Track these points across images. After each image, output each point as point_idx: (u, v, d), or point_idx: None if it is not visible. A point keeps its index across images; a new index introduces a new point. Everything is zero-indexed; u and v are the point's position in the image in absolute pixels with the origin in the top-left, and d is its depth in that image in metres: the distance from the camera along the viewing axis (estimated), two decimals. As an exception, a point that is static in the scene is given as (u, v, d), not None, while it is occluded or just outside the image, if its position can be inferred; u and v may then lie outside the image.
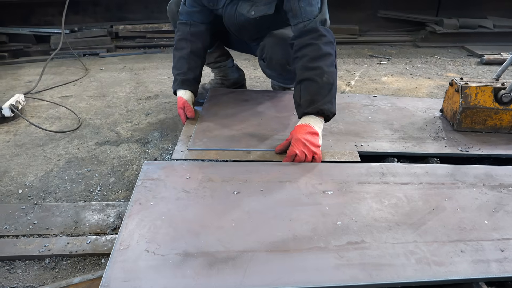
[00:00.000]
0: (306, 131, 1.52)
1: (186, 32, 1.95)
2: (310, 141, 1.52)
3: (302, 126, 1.54)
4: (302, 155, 1.52)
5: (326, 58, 1.58)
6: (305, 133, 1.52)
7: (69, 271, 1.28)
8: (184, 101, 1.90)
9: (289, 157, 1.53)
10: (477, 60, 3.59)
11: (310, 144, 1.52)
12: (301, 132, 1.52)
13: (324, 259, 1.10)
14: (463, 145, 1.77)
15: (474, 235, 1.22)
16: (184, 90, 1.93)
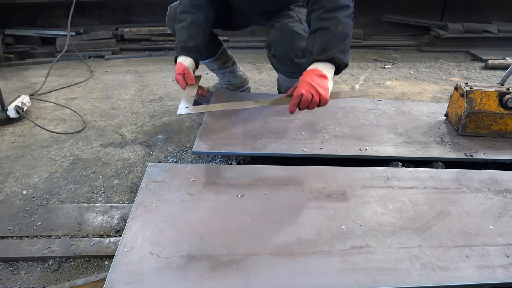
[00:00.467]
0: (314, 73, 1.47)
1: (187, 4, 1.88)
2: (318, 83, 1.45)
3: (311, 70, 1.48)
4: (308, 94, 1.45)
5: (343, 10, 1.52)
6: (313, 75, 1.47)
7: (72, 272, 1.27)
8: (184, 67, 1.78)
9: (295, 98, 1.48)
10: (482, 65, 3.58)
11: (317, 85, 1.45)
12: (309, 75, 1.47)
13: (329, 263, 1.09)
14: (468, 149, 1.76)
15: (479, 240, 1.21)
16: (184, 56, 1.81)
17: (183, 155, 1.96)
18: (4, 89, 2.43)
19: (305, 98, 1.46)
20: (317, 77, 1.46)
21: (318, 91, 1.45)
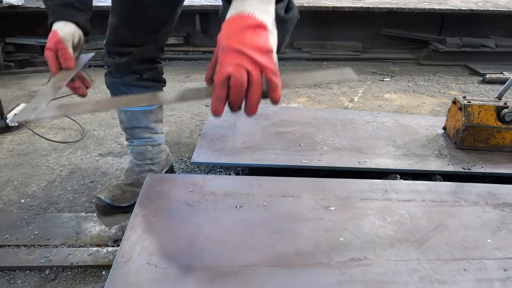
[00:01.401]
0: (240, 26, 0.75)
1: None
2: (251, 44, 0.73)
3: (232, 20, 0.77)
4: (239, 72, 0.72)
5: None
6: (239, 31, 0.75)
7: (69, 282, 1.27)
8: (58, 39, 1.09)
9: (218, 86, 0.73)
10: (480, 79, 3.61)
11: (251, 50, 0.73)
12: (232, 31, 0.75)
13: (327, 275, 1.09)
14: (466, 163, 1.77)
15: (477, 253, 1.21)
16: (63, 22, 1.13)
17: (182, 165, 1.96)
18: (3, 97, 2.44)
19: (235, 81, 0.72)
20: (247, 31, 0.75)
21: (255, 60, 0.73)
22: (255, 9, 0.76)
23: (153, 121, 1.59)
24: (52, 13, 1.13)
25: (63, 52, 1.09)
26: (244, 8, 0.76)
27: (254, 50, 0.73)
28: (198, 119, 2.53)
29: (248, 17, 0.75)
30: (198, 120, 2.51)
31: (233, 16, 0.77)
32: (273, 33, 0.79)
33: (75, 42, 1.14)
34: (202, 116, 2.57)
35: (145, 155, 1.62)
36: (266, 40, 0.76)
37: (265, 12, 0.78)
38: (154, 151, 1.63)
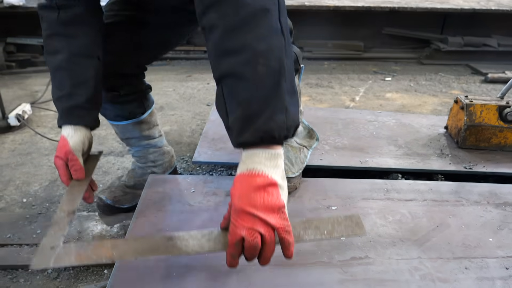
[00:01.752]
0: (251, 186, 0.78)
1: (54, 21, 1.16)
2: (262, 205, 0.77)
3: (244, 178, 0.80)
4: (253, 237, 0.77)
5: (258, 23, 0.80)
6: (250, 192, 0.78)
7: (71, 281, 1.27)
8: (68, 149, 1.11)
9: (232, 247, 0.81)
10: (482, 78, 3.61)
11: (263, 212, 0.77)
12: (244, 192, 0.78)
13: (328, 273, 1.09)
14: (468, 162, 1.77)
15: (478, 252, 1.21)
16: (70, 127, 1.14)
17: (183, 164, 1.97)
18: (5, 97, 2.44)
19: (249, 244, 0.78)
20: (259, 193, 0.77)
21: (268, 224, 0.77)
22: (264, 166, 0.79)
23: (146, 129, 1.56)
24: (61, 117, 1.15)
25: (73, 163, 1.12)
26: (254, 166, 0.79)
27: (266, 211, 0.77)
28: (199, 118, 2.53)
29: (258, 176, 0.78)
30: (199, 119, 2.52)
31: (243, 173, 0.80)
32: (283, 186, 0.81)
33: (84, 149, 1.17)
34: (203, 116, 2.58)
35: (147, 158, 1.62)
36: (277, 197, 0.79)
37: (275, 167, 0.80)
38: (156, 153, 1.63)
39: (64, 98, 1.14)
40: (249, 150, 0.81)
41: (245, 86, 0.79)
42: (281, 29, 0.82)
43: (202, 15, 0.84)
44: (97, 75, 1.19)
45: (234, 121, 0.81)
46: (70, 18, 1.15)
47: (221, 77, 0.83)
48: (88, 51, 1.17)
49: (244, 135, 0.80)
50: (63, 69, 1.14)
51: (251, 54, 0.79)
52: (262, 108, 0.79)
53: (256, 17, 0.79)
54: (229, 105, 0.82)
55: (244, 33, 0.79)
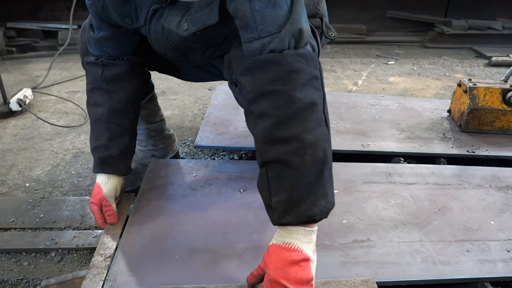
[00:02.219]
0: (287, 261, 0.86)
1: (98, 77, 1.24)
2: (295, 279, 0.85)
3: (280, 251, 0.87)
4: None
5: (307, 115, 0.88)
6: (285, 266, 0.86)
7: (75, 264, 1.28)
8: (102, 196, 1.22)
9: None
10: (485, 62, 3.57)
11: (294, 285, 0.85)
12: (279, 265, 0.86)
13: (330, 256, 1.10)
14: (470, 146, 1.76)
15: (480, 235, 1.21)
16: (104, 176, 1.25)
17: (185, 149, 1.97)
18: (6, 82, 2.44)
19: None
20: (293, 267, 0.86)
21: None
22: (300, 242, 0.88)
23: (146, 115, 1.57)
24: (96, 165, 1.26)
25: (107, 209, 1.23)
26: (292, 241, 0.88)
27: (298, 284, 0.85)
28: (201, 103, 2.52)
29: (294, 251, 0.87)
30: (201, 104, 2.51)
31: (280, 246, 0.88)
32: (314, 260, 0.90)
33: (117, 195, 1.28)
34: (205, 100, 2.56)
35: (147, 141, 1.62)
36: (308, 272, 0.87)
37: (309, 242, 0.89)
38: (156, 137, 1.63)
39: (101, 148, 1.25)
40: (289, 229, 0.89)
41: (292, 173, 0.87)
42: (325, 121, 0.91)
43: (252, 102, 0.92)
44: (132, 128, 1.32)
45: (278, 203, 0.88)
46: (113, 75, 1.24)
47: (268, 162, 0.89)
48: (127, 106, 1.27)
49: (287, 217, 0.87)
50: (102, 122, 1.25)
51: (300, 144, 0.86)
52: (306, 194, 0.86)
53: (306, 111, 0.87)
54: (273, 187, 0.89)
55: (294, 124, 0.87)
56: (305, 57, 0.89)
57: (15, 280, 1.21)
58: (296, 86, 0.87)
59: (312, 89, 0.89)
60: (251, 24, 0.89)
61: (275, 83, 0.87)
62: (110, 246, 1.14)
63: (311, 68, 0.89)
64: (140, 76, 1.34)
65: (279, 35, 0.88)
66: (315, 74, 0.90)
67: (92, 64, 1.25)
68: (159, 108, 1.64)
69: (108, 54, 1.24)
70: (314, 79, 0.90)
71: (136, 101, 1.32)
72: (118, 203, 1.29)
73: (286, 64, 0.87)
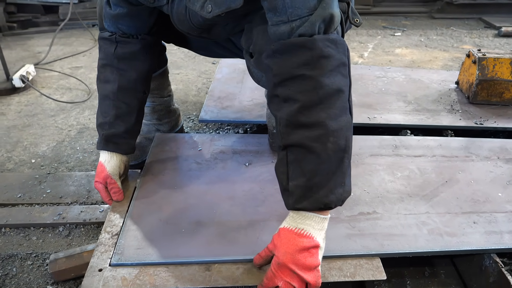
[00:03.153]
0: (298, 247, 0.87)
1: (110, 54, 1.23)
2: (303, 265, 0.87)
3: (291, 235, 0.88)
4: (286, 287, 0.88)
5: (332, 102, 0.86)
6: (295, 251, 0.87)
7: (83, 238, 1.30)
8: (106, 174, 1.22)
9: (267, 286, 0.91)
10: (495, 32, 3.49)
11: (302, 271, 0.86)
12: (290, 250, 0.87)
13: (336, 228, 1.10)
14: (478, 118, 1.74)
15: (487, 207, 1.21)
16: (108, 154, 1.24)
17: (190, 123, 1.95)
18: (8, 59, 2.41)
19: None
20: (302, 253, 0.87)
21: (303, 280, 0.87)
22: (313, 228, 0.88)
23: (155, 89, 1.55)
24: (100, 142, 1.25)
25: (112, 186, 1.23)
26: (304, 227, 0.88)
27: (305, 270, 0.87)
28: (205, 77, 2.49)
29: (306, 237, 0.87)
30: (205, 78, 2.48)
31: (292, 230, 0.88)
32: (322, 247, 0.90)
33: (121, 172, 1.27)
34: (209, 74, 2.54)
35: (152, 115, 1.61)
36: (317, 258, 0.88)
37: (321, 229, 0.89)
38: (162, 112, 1.61)
39: (106, 125, 1.24)
40: (303, 214, 0.89)
41: (312, 159, 0.86)
42: (349, 109, 0.90)
43: (278, 85, 0.89)
44: (140, 108, 1.30)
45: (295, 188, 0.87)
46: (125, 53, 1.23)
47: (289, 146, 0.88)
48: (136, 85, 1.26)
49: (303, 202, 0.86)
50: (110, 99, 1.24)
51: (324, 131, 0.85)
52: (325, 181, 0.86)
53: (332, 98, 0.86)
54: (291, 171, 0.88)
55: (319, 111, 0.85)
56: (335, 42, 0.87)
57: (25, 254, 1.23)
58: (324, 72, 0.85)
59: (339, 76, 0.87)
60: (279, 7, 0.85)
61: (304, 68, 0.86)
62: (117, 224, 1.14)
63: (340, 54, 0.88)
64: (152, 56, 1.33)
65: (309, 19, 0.85)
66: (344, 60, 0.88)
67: (105, 39, 1.24)
68: (169, 83, 1.63)
69: (122, 31, 1.23)
70: (342, 66, 0.88)
71: (146, 81, 1.31)
72: (123, 180, 1.29)
73: (316, 49, 0.85)
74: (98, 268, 0.99)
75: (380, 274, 0.98)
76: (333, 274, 0.98)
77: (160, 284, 0.95)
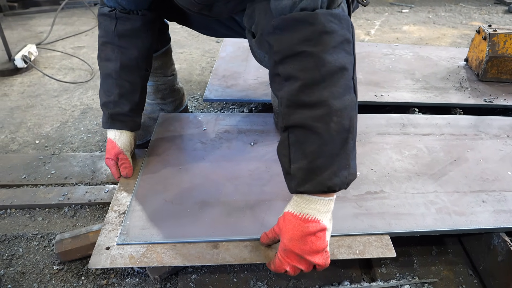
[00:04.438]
0: (303, 233, 0.84)
1: (111, 32, 1.21)
2: (310, 249, 0.85)
3: (297, 221, 0.85)
4: (294, 272, 0.88)
5: (335, 80, 0.82)
6: (301, 237, 0.85)
7: (88, 219, 1.30)
8: (118, 150, 1.23)
9: (275, 271, 0.92)
10: (505, 9, 3.41)
11: (309, 255, 0.85)
12: (295, 236, 0.85)
13: (343, 208, 1.09)
14: (488, 95, 1.70)
15: (496, 185, 1.19)
16: (117, 131, 1.25)
17: (194, 103, 1.93)
18: (9, 39, 2.39)
19: (289, 274, 0.90)
20: (309, 238, 0.85)
21: (310, 263, 0.87)
22: (318, 212, 0.85)
23: (158, 68, 1.53)
24: (107, 121, 1.24)
25: (123, 162, 1.24)
26: (309, 212, 0.84)
27: (313, 254, 0.85)
28: (209, 56, 2.46)
29: (311, 222, 0.84)
30: (209, 57, 2.44)
31: (296, 215, 0.85)
32: (329, 228, 0.87)
33: (132, 148, 1.29)
34: (213, 53, 2.50)
35: (156, 95, 1.58)
36: (324, 240, 0.86)
37: (327, 212, 0.86)
38: (165, 91, 1.59)
39: (111, 104, 1.23)
40: (307, 198, 0.85)
41: (315, 140, 0.81)
42: (354, 88, 0.85)
43: (279, 63, 0.85)
44: (143, 85, 1.29)
45: (297, 170, 0.83)
46: (125, 31, 1.20)
47: (291, 126, 0.84)
48: (138, 63, 1.24)
49: (306, 185, 0.82)
50: (113, 78, 1.22)
51: (326, 110, 0.80)
52: (328, 163, 0.82)
53: (335, 76, 0.81)
54: (293, 153, 0.84)
55: (322, 89, 0.80)
56: (339, 18, 0.82)
57: (31, 235, 1.23)
58: (327, 48, 0.80)
59: (343, 53, 0.82)
60: None
61: (305, 44, 0.81)
62: (124, 203, 1.13)
63: (344, 30, 0.82)
64: (153, 33, 1.30)
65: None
66: (348, 37, 0.83)
67: (105, 16, 1.21)
68: (172, 62, 1.60)
69: (122, 6, 1.20)
70: (346, 43, 0.83)
71: (147, 59, 1.29)
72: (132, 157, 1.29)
73: (318, 23, 0.79)
74: (105, 246, 0.99)
75: (389, 251, 0.97)
76: (342, 252, 0.97)
77: (167, 261, 0.95)
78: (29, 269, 1.13)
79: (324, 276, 1.08)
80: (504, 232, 1.05)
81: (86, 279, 1.10)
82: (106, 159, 1.24)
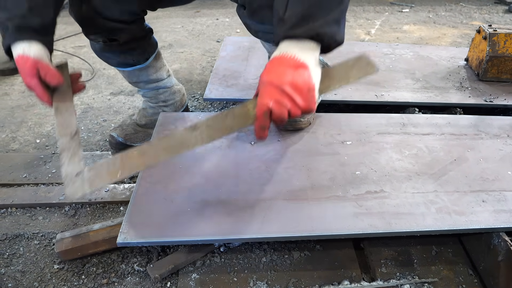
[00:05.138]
0: (282, 64, 0.83)
1: None
2: (291, 81, 0.81)
3: (276, 59, 0.84)
4: (279, 108, 0.82)
5: None
6: (282, 69, 0.82)
7: (89, 218, 1.30)
8: (34, 60, 0.96)
9: (260, 118, 0.85)
10: (505, 8, 3.41)
11: (291, 89, 0.81)
12: (273, 69, 0.83)
13: (343, 207, 1.09)
14: (488, 95, 1.70)
15: (496, 185, 1.19)
16: (24, 42, 0.97)
17: (194, 102, 1.94)
18: (11, 38, 2.38)
19: (275, 115, 0.84)
20: (291, 70, 0.82)
21: (294, 99, 0.82)
22: (299, 51, 0.83)
23: (153, 73, 1.50)
24: (10, 36, 0.97)
25: (45, 70, 0.98)
26: (288, 50, 0.83)
27: (294, 90, 0.82)
28: (209, 55, 2.46)
29: (290, 58, 0.83)
30: (209, 57, 2.45)
31: (276, 56, 0.84)
32: (316, 71, 0.85)
33: (49, 59, 1.02)
34: (213, 53, 2.50)
35: (158, 98, 1.58)
36: (308, 78, 0.83)
37: (309, 54, 0.84)
38: (166, 93, 1.58)
39: (16, 19, 0.97)
40: (293, 41, 0.84)
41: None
42: None
43: None
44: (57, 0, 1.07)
45: (291, 15, 0.84)
46: None
47: None
48: None
49: (297, 30, 0.83)
50: None
51: None
52: (323, 13, 0.83)
53: None
54: (290, 3, 0.85)
55: None
56: None
57: (31, 234, 1.23)
58: None
59: None
60: None
61: None
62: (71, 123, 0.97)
63: None
64: None
65: None
66: None
67: None
68: (164, 64, 1.58)
69: None
70: None
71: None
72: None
73: None
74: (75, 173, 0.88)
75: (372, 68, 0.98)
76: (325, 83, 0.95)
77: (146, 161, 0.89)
78: (29, 268, 1.14)
79: (324, 275, 1.08)
80: (504, 232, 1.05)
81: (87, 278, 1.10)
82: (24, 80, 0.98)
